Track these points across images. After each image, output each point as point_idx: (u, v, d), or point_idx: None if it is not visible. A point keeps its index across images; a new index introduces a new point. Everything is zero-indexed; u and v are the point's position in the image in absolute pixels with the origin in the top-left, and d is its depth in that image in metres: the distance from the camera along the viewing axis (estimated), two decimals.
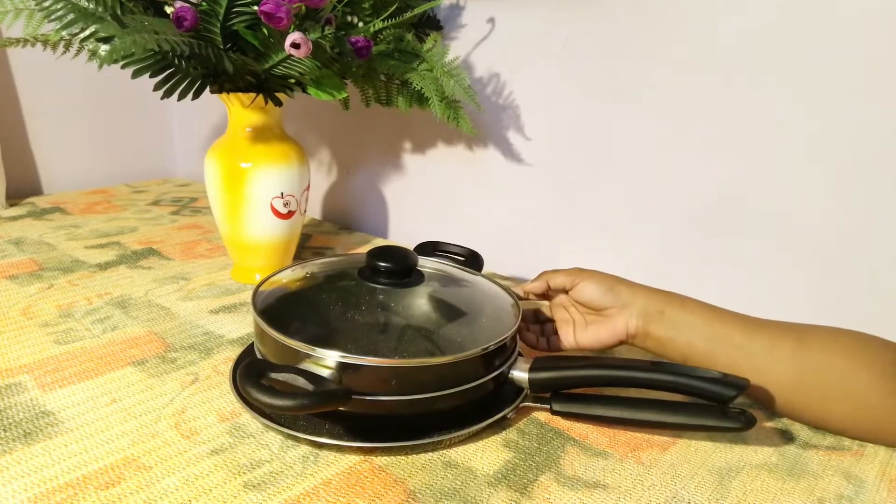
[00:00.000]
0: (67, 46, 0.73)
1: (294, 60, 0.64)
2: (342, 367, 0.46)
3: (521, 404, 0.53)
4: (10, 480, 0.42)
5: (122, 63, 0.58)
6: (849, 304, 0.64)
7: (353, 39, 0.68)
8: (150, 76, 0.61)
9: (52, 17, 0.63)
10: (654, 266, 0.77)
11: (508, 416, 0.51)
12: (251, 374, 0.43)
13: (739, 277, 0.71)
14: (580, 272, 0.58)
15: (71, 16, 0.63)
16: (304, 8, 0.63)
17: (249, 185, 0.73)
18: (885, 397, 0.47)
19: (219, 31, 0.63)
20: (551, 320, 0.62)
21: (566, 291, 0.59)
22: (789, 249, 0.67)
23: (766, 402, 0.52)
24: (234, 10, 0.62)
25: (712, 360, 0.52)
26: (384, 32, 0.75)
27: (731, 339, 0.52)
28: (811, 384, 0.50)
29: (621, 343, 0.57)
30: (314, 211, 1.18)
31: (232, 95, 0.71)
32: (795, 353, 0.50)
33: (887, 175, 0.60)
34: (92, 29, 0.61)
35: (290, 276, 0.59)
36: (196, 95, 0.64)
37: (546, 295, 0.62)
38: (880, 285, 0.62)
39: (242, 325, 0.67)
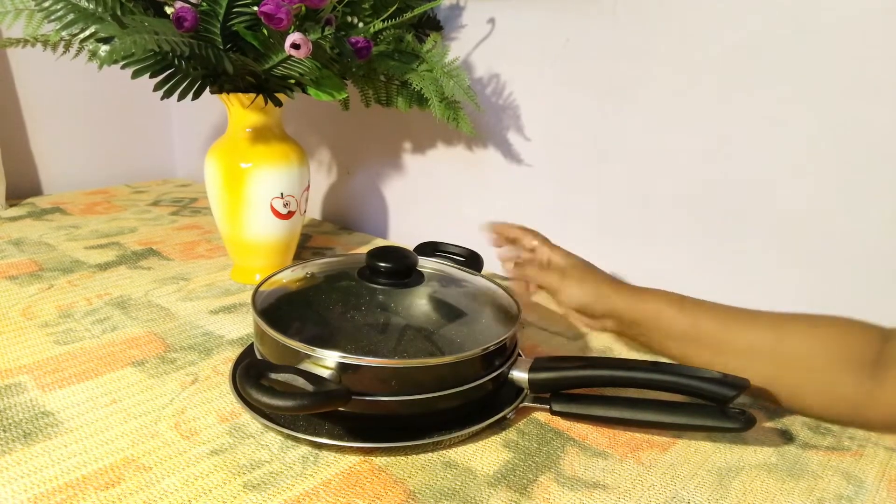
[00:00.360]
0: (67, 47, 0.73)
1: (294, 61, 0.64)
2: (342, 368, 0.46)
3: (521, 404, 0.53)
4: (10, 480, 0.42)
5: (122, 63, 0.58)
6: (847, 304, 0.64)
7: (353, 40, 0.68)
8: (150, 76, 0.61)
9: (52, 17, 0.63)
10: (655, 265, 0.77)
11: (508, 416, 0.51)
12: (251, 375, 0.43)
13: (738, 276, 0.71)
14: (562, 277, 0.58)
15: (71, 16, 0.63)
16: (304, 8, 0.63)
17: (249, 185, 0.73)
18: (860, 389, 0.48)
19: (219, 32, 0.63)
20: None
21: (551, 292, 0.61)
22: (787, 248, 0.67)
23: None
24: (234, 10, 0.62)
25: (687, 361, 0.54)
26: (384, 33, 0.75)
27: (710, 338, 0.53)
28: (788, 378, 0.51)
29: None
30: (314, 211, 1.18)
31: (232, 96, 0.71)
32: (774, 349, 0.51)
33: (885, 175, 0.60)
34: (92, 29, 0.61)
35: (290, 277, 0.59)
36: (196, 96, 0.64)
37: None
38: (878, 285, 0.62)
39: (242, 326, 0.67)
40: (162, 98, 0.62)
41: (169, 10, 0.61)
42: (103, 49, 0.60)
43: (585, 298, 0.57)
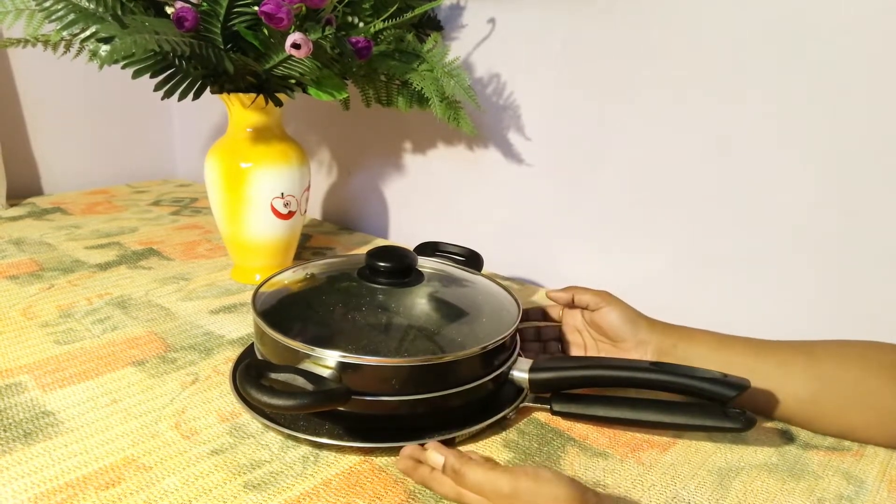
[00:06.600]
0: (68, 47, 0.73)
1: (294, 61, 0.64)
2: (342, 367, 0.46)
3: (522, 404, 0.53)
4: (10, 480, 0.42)
5: (122, 63, 0.58)
6: (847, 303, 0.64)
7: (353, 40, 0.68)
8: (151, 76, 0.61)
9: (53, 17, 0.63)
10: (654, 264, 0.77)
11: (509, 416, 0.51)
12: (251, 374, 0.43)
13: (739, 277, 0.71)
14: (608, 297, 0.58)
15: (71, 16, 0.63)
16: (304, 8, 0.63)
17: (250, 185, 0.73)
18: None
19: (219, 32, 0.63)
20: (556, 340, 0.63)
21: (589, 310, 0.59)
22: (787, 246, 0.67)
23: (788, 419, 0.52)
24: (235, 10, 0.62)
25: None
26: (385, 33, 0.75)
27: (743, 364, 0.52)
28: (827, 396, 0.50)
29: None
30: (314, 211, 1.18)
31: (232, 96, 0.72)
32: (807, 367, 0.50)
33: (886, 174, 0.60)
34: (92, 29, 0.61)
35: (290, 277, 0.59)
36: (196, 96, 0.64)
37: (569, 305, 0.61)
38: (878, 283, 0.62)
39: (242, 326, 0.67)
40: (162, 98, 0.62)
41: (169, 10, 0.61)
42: (104, 49, 0.60)
43: (621, 319, 0.56)
